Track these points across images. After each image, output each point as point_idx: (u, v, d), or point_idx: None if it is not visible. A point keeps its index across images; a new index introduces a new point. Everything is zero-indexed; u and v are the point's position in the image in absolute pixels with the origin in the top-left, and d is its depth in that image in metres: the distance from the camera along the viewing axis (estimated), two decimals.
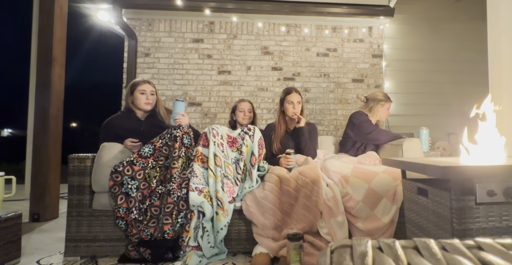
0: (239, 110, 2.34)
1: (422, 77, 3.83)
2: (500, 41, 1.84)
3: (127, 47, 3.61)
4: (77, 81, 43.86)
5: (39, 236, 2.01)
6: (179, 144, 1.62)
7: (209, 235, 1.55)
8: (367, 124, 2.10)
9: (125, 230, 1.54)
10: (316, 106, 3.77)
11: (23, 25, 6.74)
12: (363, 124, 2.10)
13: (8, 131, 26.10)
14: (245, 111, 2.35)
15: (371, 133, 2.08)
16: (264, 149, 1.82)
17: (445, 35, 3.85)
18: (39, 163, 2.45)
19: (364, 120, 2.12)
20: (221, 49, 3.72)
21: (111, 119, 1.88)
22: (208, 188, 1.59)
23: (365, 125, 2.10)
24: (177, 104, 1.75)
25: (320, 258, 0.41)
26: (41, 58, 2.52)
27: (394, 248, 0.40)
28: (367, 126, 2.10)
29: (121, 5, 3.24)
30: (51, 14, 2.53)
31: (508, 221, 0.93)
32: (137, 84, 1.89)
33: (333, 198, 1.61)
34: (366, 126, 2.09)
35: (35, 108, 2.49)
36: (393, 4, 3.52)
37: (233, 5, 3.36)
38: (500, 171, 0.91)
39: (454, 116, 3.66)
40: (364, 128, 2.09)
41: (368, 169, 1.73)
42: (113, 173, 1.57)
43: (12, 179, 2.34)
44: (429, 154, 2.27)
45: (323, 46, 3.80)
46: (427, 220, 1.10)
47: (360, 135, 2.11)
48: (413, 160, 1.19)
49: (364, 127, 2.09)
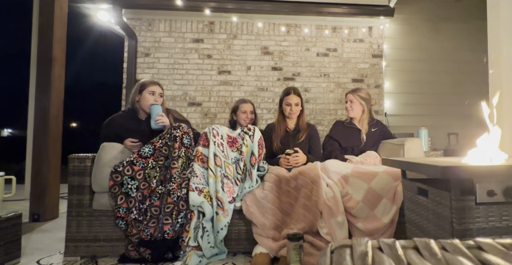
0: (241, 112, 2.30)
1: (422, 77, 3.83)
2: (500, 41, 1.84)
3: (127, 47, 3.61)
4: (77, 81, 43.82)
5: (39, 236, 2.01)
6: (178, 144, 1.62)
7: (209, 235, 1.55)
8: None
9: (125, 230, 1.54)
10: (316, 106, 3.76)
11: (23, 25, 6.84)
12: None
13: (8, 131, 26.08)
14: (248, 113, 2.31)
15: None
16: (264, 149, 1.82)
17: (445, 35, 3.85)
18: (39, 163, 2.45)
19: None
20: (221, 49, 3.72)
21: (112, 118, 1.88)
22: (208, 188, 1.59)
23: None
24: (155, 108, 1.79)
25: (320, 258, 0.41)
26: (41, 58, 2.52)
27: (394, 248, 0.40)
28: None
29: (121, 5, 3.24)
30: (51, 14, 2.53)
31: (508, 221, 0.93)
32: (147, 85, 1.88)
33: (333, 198, 1.61)
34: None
35: (35, 108, 2.49)
36: (393, 4, 3.52)
37: (233, 5, 3.36)
38: (500, 171, 0.91)
39: (454, 116, 3.66)
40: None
41: (368, 169, 1.73)
42: (113, 173, 1.57)
43: (12, 179, 2.33)
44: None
45: (323, 46, 3.80)
46: (427, 220, 1.10)
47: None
48: (413, 160, 1.18)
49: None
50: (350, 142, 2.13)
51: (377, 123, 2.21)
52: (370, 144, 2.14)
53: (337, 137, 2.15)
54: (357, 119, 2.18)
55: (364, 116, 2.15)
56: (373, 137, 2.16)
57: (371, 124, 2.18)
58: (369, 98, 2.16)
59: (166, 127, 1.76)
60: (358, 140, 2.13)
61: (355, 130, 2.16)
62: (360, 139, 2.13)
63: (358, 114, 2.16)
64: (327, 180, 1.72)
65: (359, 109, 2.14)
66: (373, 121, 2.20)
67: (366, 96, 2.15)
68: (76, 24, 4.43)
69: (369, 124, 2.17)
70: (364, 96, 2.14)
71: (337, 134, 2.16)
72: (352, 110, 2.15)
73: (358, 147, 2.12)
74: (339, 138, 2.15)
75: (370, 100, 2.17)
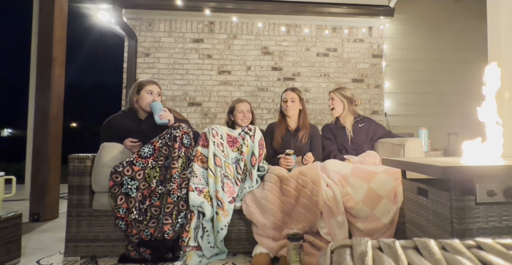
0: (238, 112, 2.23)
1: (422, 77, 3.83)
2: (500, 41, 1.84)
3: (127, 47, 3.61)
4: (77, 81, 43.84)
5: (39, 236, 2.01)
6: (178, 144, 1.62)
7: (209, 235, 1.55)
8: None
9: (125, 230, 1.54)
10: (316, 106, 3.77)
11: (23, 25, 6.81)
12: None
13: (8, 131, 26.09)
14: (244, 112, 2.24)
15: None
16: (264, 149, 1.82)
17: (445, 35, 3.85)
18: (39, 163, 2.45)
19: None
20: (221, 49, 3.72)
21: (112, 118, 1.88)
22: (208, 188, 1.59)
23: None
24: (156, 104, 1.80)
25: (320, 258, 0.41)
26: (41, 58, 2.52)
27: (394, 248, 0.40)
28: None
29: (121, 5, 3.24)
30: (51, 14, 2.53)
31: (508, 221, 0.92)
32: (145, 84, 1.88)
33: (333, 198, 1.61)
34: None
35: (35, 108, 2.49)
36: (393, 4, 3.52)
37: (233, 5, 3.36)
38: (500, 171, 0.91)
39: (454, 116, 3.66)
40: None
41: (368, 169, 1.73)
42: (113, 174, 1.57)
43: (12, 179, 2.33)
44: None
45: (323, 46, 3.80)
46: (427, 220, 1.10)
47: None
48: (413, 160, 1.18)
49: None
50: (340, 142, 2.19)
51: (364, 119, 2.26)
52: (361, 139, 2.17)
53: (328, 136, 2.23)
54: (340, 117, 2.24)
55: (345, 113, 2.21)
56: (361, 132, 2.19)
57: (357, 119, 2.23)
58: (352, 97, 2.22)
59: (170, 121, 1.77)
60: (345, 135, 2.19)
61: (341, 128, 2.22)
62: (346, 134, 2.18)
63: (339, 112, 2.22)
64: (327, 180, 1.72)
65: (340, 106, 2.21)
66: (359, 117, 2.25)
67: (348, 95, 2.21)
68: (76, 24, 4.42)
69: (355, 119, 2.23)
70: (346, 94, 2.20)
71: (327, 134, 2.24)
72: (334, 107, 2.22)
73: (347, 143, 2.17)
74: (330, 137, 2.22)
75: (354, 100, 2.22)
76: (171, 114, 1.80)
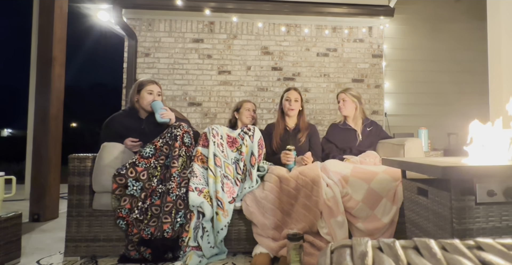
0: (245, 109, 2.36)
1: (422, 77, 3.83)
2: (500, 41, 1.84)
3: (127, 47, 3.61)
4: (77, 81, 43.89)
5: (39, 236, 2.01)
6: (179, 143, 1.62)
7: (209, 235, 1.55)
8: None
9: (126, 230, 1.54)
10: (316, 106, 3.76)
11: (23, 25, 6.73)
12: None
13: (8, 131, 26.10)
14: (251, 110, 2.38)
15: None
16: (264, 149, 1.82)
17: (445, 35, 3.85)
18: (39, 163, 2.45)
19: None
20: (221, 49, 3.72)
21: (112, 117, 1.89)
22: (208, 188, 1.59)
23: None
24: (157, 103, 1.81)
25: (320, 258, 0.41)
26: (41, 58, 2.52)
27: (394, 248, 0.40)
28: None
29: (121, 5, 3.24)
30: (51, 14, 2.53)
31: (508, 221, 0.92)
32: (145, 84, 1.89)
33: (333, 198, 1.61)
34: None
35: (35, 108, 2.49)
36: (393, 4, 3.52)
37: (233, 5, 3.36)
38: (500, 171, 0.91)
39: (454, 116, 3.66)
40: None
41: (368, 169, 1.73)
42: (116, 176, 1.56)
43: (12, 179, 2.33)
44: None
45: (323, 46, 3.79)
46: (427, 220, 1.10)
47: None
48: (413, 160, 1.18)
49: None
50: (346, 143, 2.16)
51: (372, 123, 2.25)
52: (367, 144, 2.15)
53: (334, 139, 2.19)
54: (350, 118, 2.22)
55: (357, 114, 2.19)
56: (369, 136, 2.18)
57: (366, 123, 2.21)
58: (360, 97, 2.21)
59: (171, 120, 1.78)
60: (354, 139, 2.16)
61: (350, 130, 2.19)
62: (356, 138, 2.16)
63: (351, 113, 2.20)
64: (327, 180, 1.72)
65: (352, 107, 2.19)
66: (368, 121, 2.24)
67: (357, 94, 2.20)
68: (76, 24, 4.43)
69: (364, 124, 2.20)
70: (355, 94, 2.20)
71: (333, 136, 2.20)
72: (346, 108, 2.19)
73: (355, 147, 2.14)
74: (335, 140, 2.18)
75: (361, 99, 2.22)
76: (172, 113, 1.80)
